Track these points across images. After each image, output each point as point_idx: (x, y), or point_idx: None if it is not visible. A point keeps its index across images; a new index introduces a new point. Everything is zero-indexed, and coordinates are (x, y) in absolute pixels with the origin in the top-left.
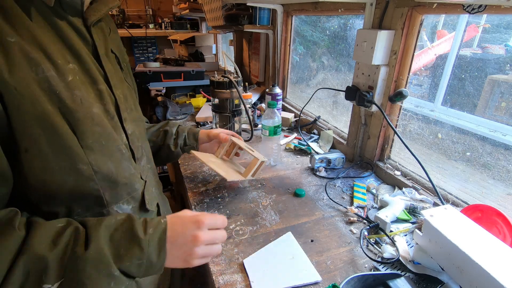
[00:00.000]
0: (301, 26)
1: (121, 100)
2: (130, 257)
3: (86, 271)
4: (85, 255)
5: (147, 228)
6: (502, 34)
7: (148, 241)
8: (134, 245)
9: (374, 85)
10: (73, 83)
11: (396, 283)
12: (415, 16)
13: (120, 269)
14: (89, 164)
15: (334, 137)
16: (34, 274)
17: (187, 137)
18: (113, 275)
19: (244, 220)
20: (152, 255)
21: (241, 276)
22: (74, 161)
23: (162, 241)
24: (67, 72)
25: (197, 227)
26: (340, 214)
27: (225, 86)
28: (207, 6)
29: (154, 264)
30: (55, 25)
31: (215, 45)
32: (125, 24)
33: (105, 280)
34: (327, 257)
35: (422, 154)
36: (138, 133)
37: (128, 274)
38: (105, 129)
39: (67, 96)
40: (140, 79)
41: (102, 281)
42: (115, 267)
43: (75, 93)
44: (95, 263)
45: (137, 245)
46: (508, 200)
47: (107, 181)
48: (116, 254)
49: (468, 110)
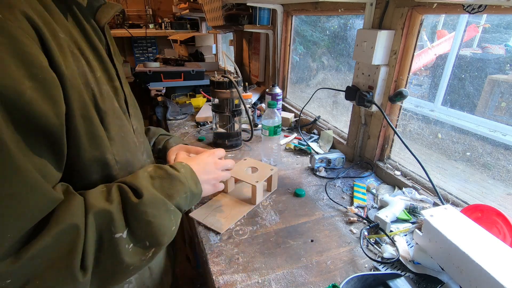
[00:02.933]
0: (301, 26)
1: (129, 97)
2: (177, 193)
3: (148, 212)
4: (142, 201)
5: (177, 169)
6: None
7: (185, 177)
8: (176, 183)
9: (374, 85)
10: (100, 79)
11: (396, 283)
12: (415, 16)
13: (174, 204)
14: (113, 154)
15: (334, 137)
16: (105, 227)
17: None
18: (170, 210)
19: (244, 220)
20: (192, 187)
21: (241, 276)
22: (103, 151)
23: (194, 174)
24: (96, 68)
25: (213, 155)
26: (340, 214)
27: (225, 86)
28: (207, 6)
29: (195, 194)
30: (82, 25)
31: (215, 45)
32: (125, 24)
33: (165, 215)
34: (327, 257)
35: (422, 154)
36: (140, 129)
37: (180, 207)
38: (123, 122)
39: (97, 90)
40: (140, 79)
41: (164, 216)
42: (169, 203)
43: (102, 88)
44: (153, 204)
45: (178, 181)
46: (508, 200)
47: (125, 170)
48: (166, 194)
49: (468, 110)
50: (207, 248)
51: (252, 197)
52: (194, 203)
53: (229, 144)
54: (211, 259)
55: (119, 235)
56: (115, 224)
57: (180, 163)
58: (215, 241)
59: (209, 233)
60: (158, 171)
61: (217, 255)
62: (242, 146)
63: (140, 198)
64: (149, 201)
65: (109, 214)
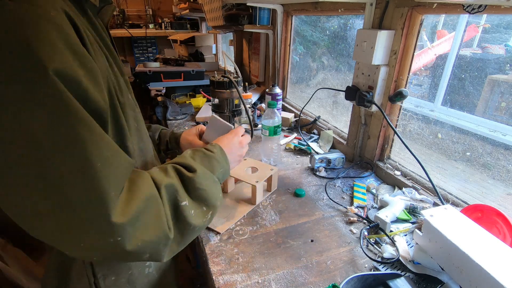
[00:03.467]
0: (301, 26)
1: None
2: (217, 168)
3: (203, 183)
4: (197, 174)
5: (211, 150)
6: (502, 34)
7: (219, 156)
8: (214, 161)
9: (374, 85)
10: (116, 72)
11: (396, 283)
12: (415, 16)
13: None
14: (131, 142)
15: (334, 137)
16: (173, 197)
17: (169, 141)
18: (216, 181)
19: (244, 220)
20: (224, 164)
21: (241, 276)
22: (124, 139)
23: (224, 153)
24: (111, 63)
25: (238, 135)
26: (340, 214)
27: (225, 86)
28: (207, 6)
29: (227, 169)
30: (94, 23)
31: (215, 45)
32: (125, 24)
33: (214, 185)
34: (327, 257)
35: (422, 154)
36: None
37: (220, 180)
38: (136, 114)
39: (115, 83)
40: (140, 79)
41: (214, 186)
42: (215, 176)
43: (119, 81)
44: (205, 177)
45: (215, 160)
46: (508, 200)
47: (140, 158)
48: (210, 170)
49: (468, 110)
50: (207, 248)
51: (252, 197)
52: (226, 177)
53: None
54: (211, 259)
55: (184, 203)
56: (180, 194)
57: (212, 145)
58: (215, 241)
59: (209, 233)
60: (198, 153)
61: (217, 255)
62: None
63: (194, 172)
64: (201, 174)
65: (174, 187)
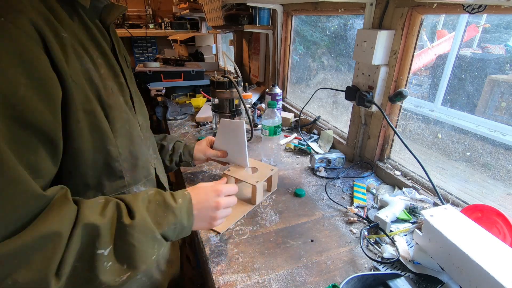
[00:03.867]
0: (301, 26)
1: (134, 93)
2: (167, 224)
3: (135, 236)
4: (133, 224)
5: (176, 199)
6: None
7: (179, 209)
8: (168, 213)
9: (374, 85)
10: (104, 75)
11: (396, 283)
12: (415, 16)
13: (160, 234)
14: (116, 146)
15: (334, 137)
16: (89, 241)
17: (182, 153)
18: (157, 238)
19: (244, 220)
20: (184, 220)
21: (241, 276)
22: (106, 142)
23: (190, 208)
24: (99, 66)
25: (217, 195)
26: (340, 214)
27: (225, 86)
28: (207, 6)
29: (185, 227)
30: (87, 25)
31: (215, 45)
32: (125, 24)
33: (150, 243)
34: (327, 257)
35: (422, 154)
36: (146, 125)
37: (166, 237)
38: (129, 116)
39: (102, 86)
40: (140, 79)
41: (149, 244)
42: (157, 231)
43: (107, 84)
44: (142, 229)
45: (171, 213)
46: (508, 200)
47: (128, 162)
48: (156, 222)
49: (468, 110)
50: (207, 248)
51: (252, 197)
52: (184, 234)
53: None
54: (211, 259)
55: (101, 251)
56: (101, 240)
57: (183, 192)
58: (215, 241)
59: (209, 233)
60: (157, 197)
61: (217, 255)
62: None
63: (132, 220)
64: (139, 225)
65: (98, 230)
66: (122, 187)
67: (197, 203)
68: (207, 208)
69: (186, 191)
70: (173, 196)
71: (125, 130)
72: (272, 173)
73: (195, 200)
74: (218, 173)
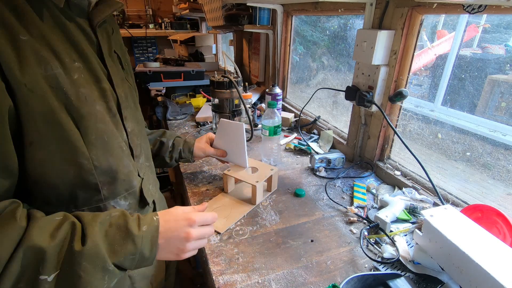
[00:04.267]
0: (301, 26)
1: (122, 98)
2: (124, 253)
3: (82, 264)
4: (82, 251)
5: (140, 225)
6: (502, 34)
7: (142, 237)
8: (128, 241)
9: (374, 85)
10: (78, 81)
11: (396, 283)
12: (415, 16)
13: (114, 264)
14: (90, 159)
15: (334, 137)
16: (32, 265)
17: (182, 150)
18: (108, 269)
19: (244, 220)
20: (145, 250)
21: (241, 276)
22: (76, 155)
23: (155, 238)
24: (73, 70)
25: (189, 225)
26: (340, 214)
27: (225, 86)
28: (207, 6)
29: (146, 258)
30: (63, 25)
31: (215, 45)
32: (125, 24)
33: (99, 273)
34: (327, 257)
35: (422, 154)
36: (137, 131)
37: (121, 267)
38: (107, 126)
39: (73, 93)
40: (140, 79)
41: (97, 274)
42: (109, 262)
43: (80, 91)
44: (92, 258)
45: (131, 241)
46: (508, 200)
47: (106, 176)
48: (111, 250)
49: (468, 110)
50: (207, 248)
51: (252, 197)
52: (146, 265)
53: None
54: (211, 259)
55: (44, 277)
56: (47, 265)
57: (152, 217)
58: (215, 241)
59: None
60: (120, 220)
61: (217, 255)
62: None
63: (83, 246)
64: (89, 253)
65: (43, 254)
66: (98, 200)
67: (164, 231)
68: (175, 239)
69: (155, 216)
70: (138, 221)
71: (102, 141)
72: (272, 173)
73: (163, 228)
74: (218, 173)
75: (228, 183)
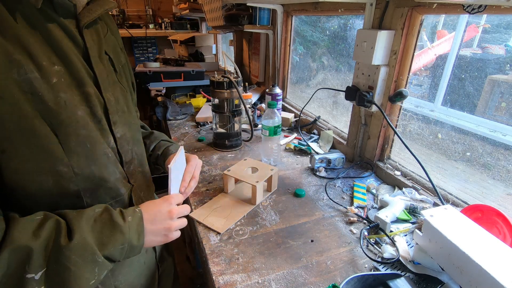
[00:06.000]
0: (301, 26)
1: (111, 102)
2: (113, 244)
3: (71, 258)
4: (69, 245)
5: (125, 217)
6: (502, 34)
7: (128, 227)
8: (116, 232)
9: (374, 85)
10: (57, 85)
11: (396, 283)
12: (415, 16)
13: (104, 255)
14: (70, 166)
15: (334, 137)
16: (17, 264)
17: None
18: (97, 261)
19: (244, 220)
20: (133, 239)
21: (241, 276)
22: (54, 162)
23: (141, 226)
24: (51, 74)
25: (169, 204)
26: (340, 214)
27: (225, 86)
28: (207, 6)
29: (134, 246)
30: (42, 27)
31: (215, 45)
32: (125, 24)
33: (90, 266)
34: (327, 257)
35: (422, 154)
36: (129, 136)
37: (111, 258)
38: (90, 132)
39: (50, 98)
40: (140, 79)
41: (87, 267)
42: (99, 253)
43: (59, 96)
44: (80, 252)
45: (119, 232)
46: (508, 200)
47: (88, 183)
48: (100, 242)
49: (468, 110)
50: (207, 248)
51: (252, 197)
52: (133, 254)
53: (229, 144)
54: (211, 259)
55: (31, 276)
56: (33, 263)
57: (134, 209)
58: (215, 241)
59: (209, 233)
60: (105, 214)
61: (217, 255)
62: (242, 146)
63: (70, 241)
64: (77, 247)
65: (28, 253)
66: (81, 207)
67: (148, 217)
68: (160, 218)
69: (137, 208)
70: (122, 214)
71: (84, 148)
72: (272, 173)
73: (147, 214)
74: (218, 173)
75: (228, 183)
